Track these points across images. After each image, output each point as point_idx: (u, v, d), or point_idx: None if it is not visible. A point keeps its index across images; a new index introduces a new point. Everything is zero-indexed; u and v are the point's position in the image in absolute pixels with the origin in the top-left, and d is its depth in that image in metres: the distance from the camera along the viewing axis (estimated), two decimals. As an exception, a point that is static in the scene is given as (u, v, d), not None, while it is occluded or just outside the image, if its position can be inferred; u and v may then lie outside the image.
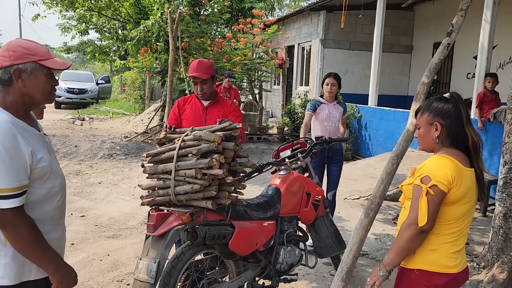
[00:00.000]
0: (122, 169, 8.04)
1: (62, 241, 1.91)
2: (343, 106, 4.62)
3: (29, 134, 1.69)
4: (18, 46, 1.69)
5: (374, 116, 9.29)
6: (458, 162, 1.82)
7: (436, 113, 1.88)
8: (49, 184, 1.76)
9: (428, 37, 11.65)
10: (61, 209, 1.88)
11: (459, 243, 1.87)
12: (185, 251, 2.61)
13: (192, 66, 3.26)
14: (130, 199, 6.04)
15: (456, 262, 1.85)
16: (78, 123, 14.45)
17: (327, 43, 11.85)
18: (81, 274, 3.64)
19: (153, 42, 9.18)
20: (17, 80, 1.67)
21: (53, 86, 1.79)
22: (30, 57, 1.68)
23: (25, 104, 1.72)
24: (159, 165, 2.60)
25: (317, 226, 3.35)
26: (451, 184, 1.78)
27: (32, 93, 1.71)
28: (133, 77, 17.25)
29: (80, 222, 4.99)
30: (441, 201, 1.79)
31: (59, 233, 1.85)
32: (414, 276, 1.86)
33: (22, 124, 1.69)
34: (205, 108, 3.29)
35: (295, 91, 13.72)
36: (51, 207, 1.78)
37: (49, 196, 1.76)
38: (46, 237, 1.71)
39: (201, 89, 3.24)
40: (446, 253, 1.84)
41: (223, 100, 3.38)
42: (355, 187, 6.46)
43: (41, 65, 1.71)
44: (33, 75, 1.69)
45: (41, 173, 1.70)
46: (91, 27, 12.27)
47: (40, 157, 1.69)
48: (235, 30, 10.16)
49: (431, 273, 1.83)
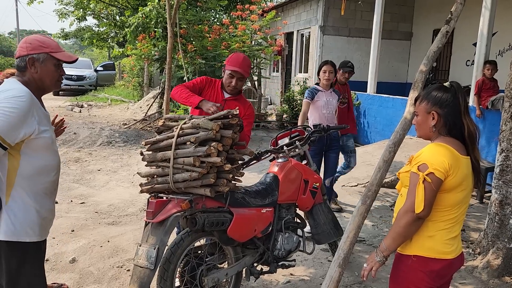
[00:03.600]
0: (121, 156, 8.06)
1: (52, 213, 2.20)
2: (337, 93, 4.64)
3: (39, 109, 2.02)
4: (34, 40, 2.06)
5: (373, 104, 9.29)
6: (454, 150, 1.85)
7: (434, 102, 1.90)
8: (49, 157, 2.08)
9: (428, 24, 11.58)
10: (54, 184, 2.18)
11: (455, 230, 1.90)
12: (184, 237, 2.65)
13: (235, 59, 3.12)
14: (129, 186, 6.07)
15: (452, 248, 1.89)
16: (76, 110, 14.43)
17: (326, 30, 11.77)
18: (82, 261, 3.69)
19: (152, 29, 9.11)
20: (30, 67, 2.03)
21: (60, 75, 2.15)
22: (43, 49, 2.05)
23: (38, 87, 2.07)
24: (158, 153, 2.62)
25: (315, 213, 3.39)
26: (448, 171, 1.81)
27: (42, 79, 2.06)
28: (132, 64, 17.15)
29: (80, 209, 5.02)
30: (438, 189, 1.82)
31: (50, 205, 2.17)
32: (411, 262, 1.90)
33: (36, 101, 2.02)
34: (224, 100, 3.18)
35: (294, 78, 13.68)
36: (46, 180, 2.09)
37: (46, 169, 2.08)
38: (39, 204, 2.05)
39: (235, 84, 3.13)
40: (442, 239, 1.87)
41: (244, 100, 3.27)
42: (353, 174, 6.49)
43: (52, 56, 2.07)
44: (44, 64, 2.05)
45: (44, 142, 2.02)
46: (89, 13, 12.17)
47: (44, 129, 2.00)
48: (233, 16, 10.07)
49: (427, 259, 1.87)
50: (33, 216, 2.03)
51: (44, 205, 2.10)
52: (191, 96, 2.98)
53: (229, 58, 3.17)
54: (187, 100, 2.97)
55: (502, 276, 3.59)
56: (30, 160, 1.99)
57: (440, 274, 1.89)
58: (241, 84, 3.16)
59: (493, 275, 3.59)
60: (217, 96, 3.18)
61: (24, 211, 2.00)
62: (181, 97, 3.02)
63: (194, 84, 3.20)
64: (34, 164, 2.01)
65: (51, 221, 2.20)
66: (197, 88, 3.19)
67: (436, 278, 1.88)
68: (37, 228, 2.06)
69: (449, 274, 1.96)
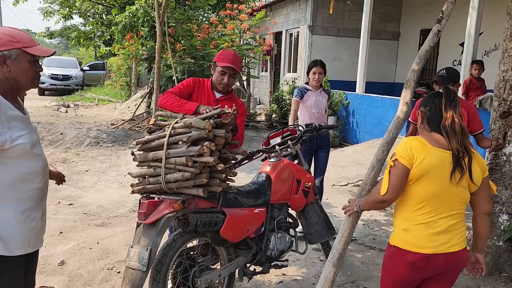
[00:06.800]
0: (110, 156, 7.96)
1: (42, 221, 2.00)
2: (327, 93, 4.64)
3: (11, 113, 1.80)
4: (3, 34, 1.81)
5: (361, 103, 9.33)
6: (426, 141, 1.97)
7: (421, 103, 2.14)
8: (31, 163, 1.87)
9: (416, 24, 11.68)
10: (42, 191, 1.98)
11: (436, 226, 1.94)
12: (177, 238, 2.61)
13: (225, 55, 3.02)
14: (118, 187, 6.00)
15: (432, 244, 1.94)
16: (63, 110, 14.21)
17: (315, 30, 11.80)
18: (71, 263, 3.62)
19: (139, 28, 9.02)
20: (2, 65, 1.80)
21: (37, 72, 1.91)
22: (14, 44, 1.80)
23: (11, 87, 1.85)
24: (149, 153, 2.58)
25: (307, 213, 3.38)
26: (411, 159, 1.93)
27: (16, 78, 1.83)
28: (119, 64, 16.98)
29: (68, 211, 4.94)
30: (404, 175, 1.94)
31: (39, 213, 1.95)
32: (392, 251, 2.06)
33: (7, 103, 1.81)
34: (216, 101, 3.07)
35: (283, 77, 13.68)
36: (31, 187, 1.88)
37: (29, 176, 1.87)
38: (25, 215, 1.85)
39: (227, 81, 3.02)
40: (418, 233, 1.96)
41: (236, 99, 3.18)
42: (343, 173, 6.52)
43: (25, 52, 1.83)
44: (18, 61, 1.81)
45: (22, 149, 1.81)
46: (75, 12, 12.00)
47: (18, 135, 1.79)
48: (221, 16, 10.03)
49: (404, 250, 1.99)
50: (13, 228, 1.83)
51: (30, 215, 1.89)
52: (185, 103, 2.83)
53: (218, 55, 3.07)
54: (182, 108, 2.80)
55: (492, 274, 3.62)
56: (8, 170, 1.80)
57: (415, 266, 1.96)
58: (233, 81, 3.07)
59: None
60: (208, 97, 3.06)
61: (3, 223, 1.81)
62: (173, 106, 2.83)
63: (181, 89, 3.01)
64: (13, 173, 1.81)
65: (41, 230, 1.99)
66: (185, 92, 3.01)
67: (411, 269, 1.97)
68: (18, 240, 1.84)
69: (431, 267, 1.97)
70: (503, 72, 3.60)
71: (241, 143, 3.02)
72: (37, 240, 1.97)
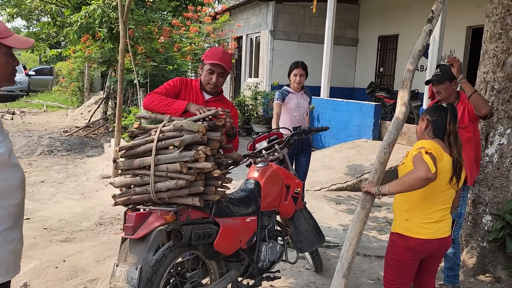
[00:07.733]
0: (66, 166, 7.43)
1: (21, 242, 1.70)
2: (309, 95, 4.53)
3: None
4: None
5: (326, 108, 9.36)
6: (439, 146, 2.33)
7: (427, 111, 2.49)
8: (8, 175, 1.58)
9: (373, 31, 11.95)
10: (21, 207, 1.67)
11: (433, 216, 2.35)
12: (167, 253, 2.35)
13: (214, 52, 2.79)
14: (80, 198, 5.56)
15: (429, 231, 2.34)
16: (8, 117, 13.26)
17: (276, 34, 11.77)
18: (36, 285, 3.23)
19: (96, 29, 8.54)
20: None
21: (13, 66, 1.61)
22: None
23: None
24: (135, 160, 2.32)
25: (296, 220, 3.22)
26: (439, 157, 2.27)
27: None
28: (70, 68, 16.11)
29: (25, 226, 4.41)
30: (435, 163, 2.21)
31: (18, 233, 1.65)
32: (395, 238, 2.42)
33: None
34: (205, 102, 2.83)
35: (244, 83, 13.54)
36: (10, 203, 1.59)
37: (8, 191, 1.58)
38: (2, 236, 1.55)
39: (216, 81, 2.77)
40: (418, 222, 2.35)
41: (226, 100, 2.96)
42: (315, 178, 6.44)
43: (1, 44, 1.53)
44: None
45: None
46: (22, 13, 11.23)
47: None
48: (184, 18, 9.73)
49: (405, 236, 2.36)
50: None
51: (9, 236, 1.60)
52: (173, 102, 2.60)
53: (207, 53, 2.85)
54: (170, 107, 2.57)
55: (477, 275, 3.63)
56: None
57: (416, 250, 2.35)
58: (223, 81, 2.83)
59: (469, 274, 3.62)
60: (197, 98, 2.81)
61: None
62: (160, 105, 2.59)
63: (168, 89, 2.77)
64: None
65: (19, 253, 1.70)
66: (172, 92, 2.77)
67: (413, 252, 2.36)
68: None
69: (427, 249, 2.38)
70: (483, 74, 3.64)
71: (237, 147, 2.81)
72: (15, 265, 1.66)
